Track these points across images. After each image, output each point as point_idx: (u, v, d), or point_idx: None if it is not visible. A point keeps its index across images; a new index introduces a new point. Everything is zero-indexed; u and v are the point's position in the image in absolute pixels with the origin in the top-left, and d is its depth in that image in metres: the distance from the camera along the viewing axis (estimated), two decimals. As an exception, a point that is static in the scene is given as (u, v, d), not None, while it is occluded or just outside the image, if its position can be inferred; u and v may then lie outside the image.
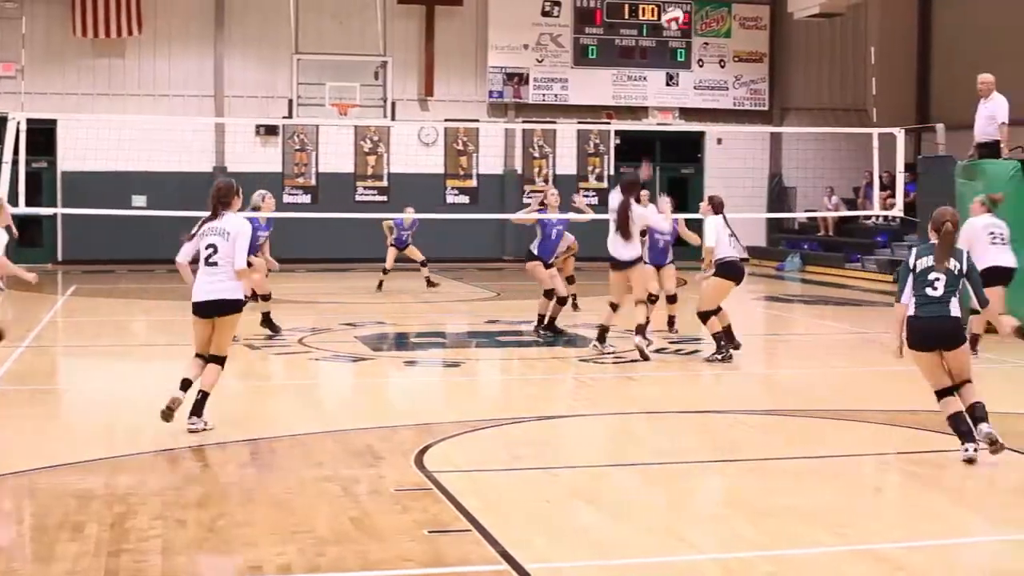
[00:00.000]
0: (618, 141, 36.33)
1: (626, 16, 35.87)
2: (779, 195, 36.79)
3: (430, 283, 25.17)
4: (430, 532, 7.72)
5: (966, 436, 9.75)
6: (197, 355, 11.12)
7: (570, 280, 21.68)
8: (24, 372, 14.46)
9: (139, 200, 31.46)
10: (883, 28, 36.36)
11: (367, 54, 32.42)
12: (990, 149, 18.87)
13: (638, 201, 15.88)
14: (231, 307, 11.06)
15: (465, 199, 35.08)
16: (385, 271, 25.07)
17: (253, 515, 8.25)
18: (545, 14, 35.43)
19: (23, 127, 18.83)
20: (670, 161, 36.86)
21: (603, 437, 11.42)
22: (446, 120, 34.09)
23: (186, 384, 10.95)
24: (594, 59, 35.72)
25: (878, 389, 13.91)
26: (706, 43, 36.48)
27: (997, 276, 15.34)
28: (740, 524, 8.00)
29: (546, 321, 18.08)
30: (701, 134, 36.50)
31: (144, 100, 33.15)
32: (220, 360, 11.13)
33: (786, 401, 13.11)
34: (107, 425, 11.49)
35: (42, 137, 29.13)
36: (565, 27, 35.57)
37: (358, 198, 34.04)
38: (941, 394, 9.96)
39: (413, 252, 25.27)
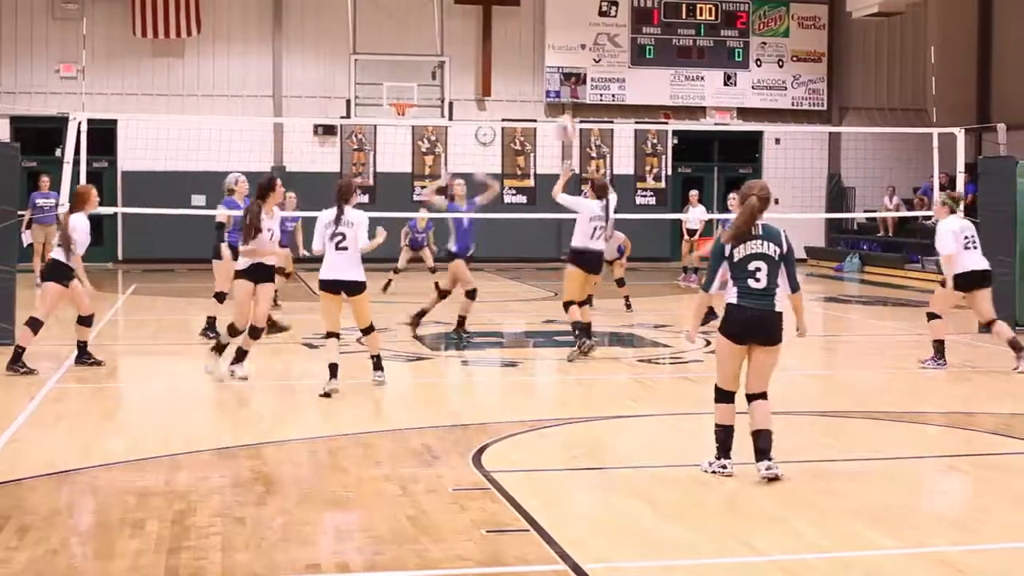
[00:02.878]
0: (676, 141, 36.29)
1: (683, 16, 35.79)
2: (838, 195, 36.59)
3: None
4: (488, 532, 7.73)
5: (727, 452, 9.29)
6: (329, 334, 12.99)
7: (620, 283, 21.59)
8: (84, 370, 14.57)
9: (199, 199, 31.64)
10: (943, 27, 36.10)
11: (424, 54, 32.51)
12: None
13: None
14: (357, 287, 13.01)
15: (523, 199, 35.10)
16: (396, 271, 24.73)
17: (311, 514, 8.29)
18: (602, 14, 35.40)
19: (84, 127, 19.01)
20: (728, 161, 36.79)
21: (661, 437, 11.38)
22: (503, 120, 34.12)
23: (334, 369, 12.73)
24: (651, 59, 35.65)
25: (936, 391, 13.82)
26: (764, 43, 36.35)
27: (977, 280, 14.77)
28: (800, 525, 7.96)
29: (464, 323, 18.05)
30: (759, 134, 36.38)
31: (203, 100, 33.44)
32: (370, 329, 13.32)
33: (844, 402, 13.04)
34: (166, 423, 11.57)
35: (102, 137, 29.40)
36: (623, 27, 35.53)
37: (416, 198, 34.08)
38: (726, 398, 9.22)
39: (426, 256, 24.69)
